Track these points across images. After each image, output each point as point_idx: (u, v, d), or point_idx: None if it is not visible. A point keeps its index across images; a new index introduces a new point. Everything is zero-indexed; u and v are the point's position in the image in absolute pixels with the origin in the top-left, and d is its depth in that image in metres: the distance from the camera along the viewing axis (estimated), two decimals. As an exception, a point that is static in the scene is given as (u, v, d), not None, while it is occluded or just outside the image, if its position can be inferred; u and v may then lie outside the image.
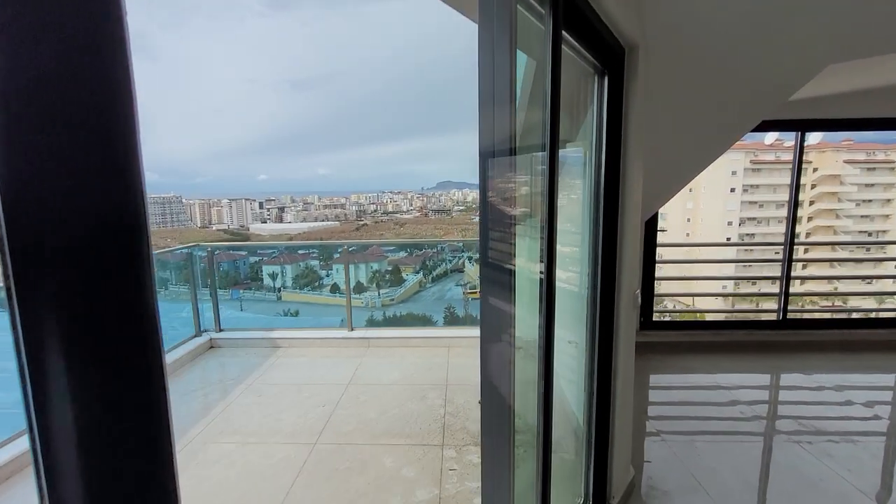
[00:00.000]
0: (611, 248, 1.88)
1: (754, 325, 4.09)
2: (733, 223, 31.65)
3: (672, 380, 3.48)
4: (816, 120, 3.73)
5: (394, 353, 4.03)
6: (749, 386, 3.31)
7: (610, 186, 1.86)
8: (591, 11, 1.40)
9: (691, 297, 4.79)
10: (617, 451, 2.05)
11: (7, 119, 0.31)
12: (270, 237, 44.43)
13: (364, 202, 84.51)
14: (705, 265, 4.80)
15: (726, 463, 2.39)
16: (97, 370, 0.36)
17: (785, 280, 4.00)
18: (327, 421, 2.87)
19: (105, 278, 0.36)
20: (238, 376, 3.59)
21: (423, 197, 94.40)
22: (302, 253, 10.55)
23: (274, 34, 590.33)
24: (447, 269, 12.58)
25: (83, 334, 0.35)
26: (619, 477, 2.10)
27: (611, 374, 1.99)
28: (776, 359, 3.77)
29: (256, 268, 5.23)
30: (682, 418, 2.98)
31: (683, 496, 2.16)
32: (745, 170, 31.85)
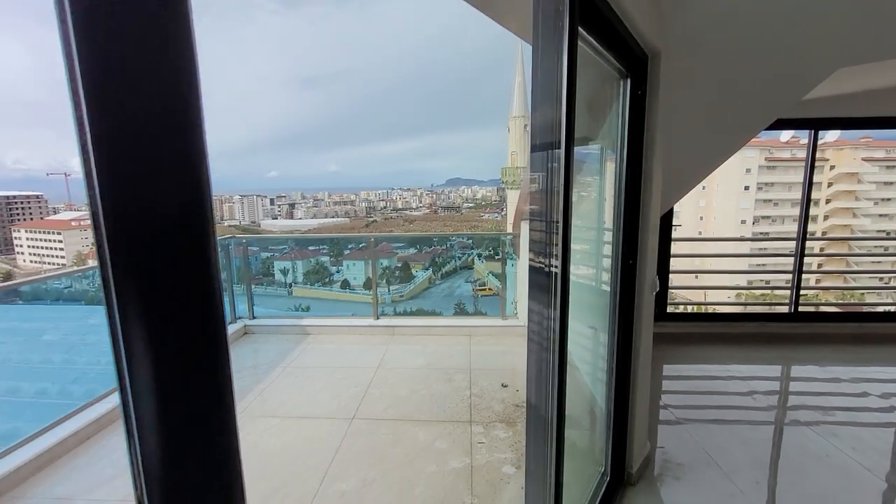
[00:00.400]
0: (633, 237, 2.06)
1: (766, 318, 4.21)
2: (747, 221, 31.30)
3: (686, 368, 3.63)
4: (830, 118, 3.84)
5: (417, 340, 4.23)
6: (761, 376, 3.44)
7: (632, 182, 2.04)
8: (619, 24, 1.58)
9: (703, 290, 4.90)
10: (636, 426, 2.23)
11: (107, 127, 0.36)
12: (281, 233, 44.81)
13: (373, 199, 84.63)
14: (717, 261, 4.91)
15: (737, 443, 2.55)
16: (176, 338, 0.41)
17: (797, 274, 4.12)
18: (361, 400, 3.08)
19: (184, 261, 0.41)
20: (273, 360, 3.82)
21: (433, 194, 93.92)
22: (312, 249, 10.68)
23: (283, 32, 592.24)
24: (456, 266, 12.65)
25: (165, 309, 0.40)
26: (637, 450, 2.27)
27: (631, 354, 2.16)
28: (787, 350, 3.90)
29: (268, 263, 5.42)
30: (695, 404, 3.13)
31: (696, 469, 2.33)
32: (760, 167, 31.47)
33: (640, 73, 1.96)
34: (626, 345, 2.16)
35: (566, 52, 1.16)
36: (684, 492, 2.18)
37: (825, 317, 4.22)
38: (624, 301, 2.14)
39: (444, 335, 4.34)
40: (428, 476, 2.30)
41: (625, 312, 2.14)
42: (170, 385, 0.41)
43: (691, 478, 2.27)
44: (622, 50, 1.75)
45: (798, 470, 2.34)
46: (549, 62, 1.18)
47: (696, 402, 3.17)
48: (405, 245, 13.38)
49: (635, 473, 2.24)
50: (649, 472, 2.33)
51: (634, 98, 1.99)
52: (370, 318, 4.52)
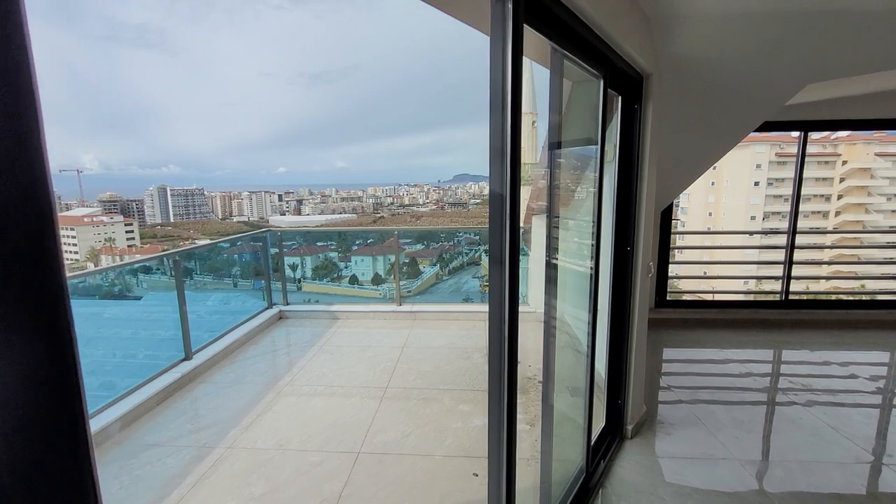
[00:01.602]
0: (629, 228, 2.45)
1: (759, 305, 4.57)
2: (756, 217, 31.23)
3: (683, 350, 4.01)
4: (818, 121, 4.17)
5: (437, 324, 4.66)
6: (753, 358, 3.81)
7: (627, 180, 2.43)
8: (618, 58, 1.96)
9: (705, 279, 5.26)
10: (631, 391, 2.63)
11: None
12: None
13: (381, 195, 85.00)
14: (717, 254, 5.26)
15: (724, 410, 2.93)
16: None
17: (787, 264, 4.47)
18: (392, 373, 3.51)
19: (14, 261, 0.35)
20: (309, 340, 4.27)
21: (440, 190, 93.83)
22: (321, 245, 11.05)
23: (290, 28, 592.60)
24: (463, 262, 12.92)
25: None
26: (633, 411, 2.67)
27: (627, 326, 2.56)
28: (778, 334, 4.26)
29: (277, 259, 5.76)
30: (690, 381, 3.51)
31: (685, 427, 2.72)
32: (770, 163, 31.34)
33: (636, 90, 2.34)
34: (623, 319, 2.56)
35: (510, 50, 1.16)
36: (673, 443, 2.58)
37: (814, 304, 4.57)
38: (620, 282, 2.53)
39: (461, 320, 4.75)
40: (455, 430, 2.73)
41: (621, 292, 2.54)
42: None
43: (680, 434, 2.67)
44: (619, 74, 2.14)
45: (774, 430, 2.72)
46: (496, 62, 1.18)
47: (690, 377, 3.56)
48: (412, 241, 13.75)
49: (631, 430, 2.64)
50: (644, 429, 2.73)
51: (630, 111, 2.38)
52: (393, 305, 4.94)
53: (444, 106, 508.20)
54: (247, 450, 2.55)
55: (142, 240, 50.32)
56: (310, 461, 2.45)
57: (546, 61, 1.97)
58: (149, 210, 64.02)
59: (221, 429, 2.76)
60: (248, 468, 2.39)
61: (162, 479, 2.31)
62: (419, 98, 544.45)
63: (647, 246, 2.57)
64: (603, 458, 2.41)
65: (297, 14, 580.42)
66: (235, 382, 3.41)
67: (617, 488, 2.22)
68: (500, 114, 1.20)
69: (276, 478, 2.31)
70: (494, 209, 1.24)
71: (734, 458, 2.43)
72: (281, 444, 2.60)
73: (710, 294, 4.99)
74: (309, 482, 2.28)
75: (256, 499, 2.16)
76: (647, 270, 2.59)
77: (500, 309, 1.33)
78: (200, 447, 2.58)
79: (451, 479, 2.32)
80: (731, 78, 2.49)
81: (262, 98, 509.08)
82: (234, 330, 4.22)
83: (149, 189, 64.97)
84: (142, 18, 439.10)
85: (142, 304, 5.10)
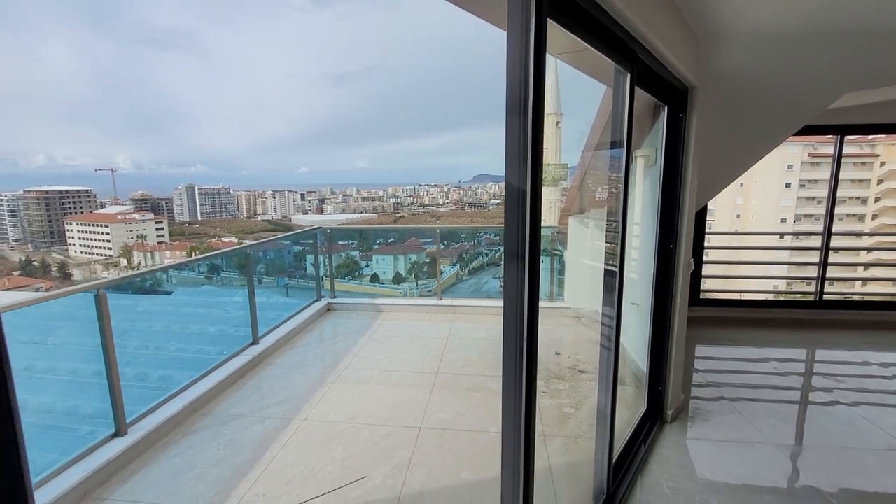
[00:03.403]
0: (672, 227, 2.66)
1: (792, 305, 4.67)
2: (787, 220, 30.38)
3: (717, 347, 4.17)
4: (854, 125, 4.26)
5: (477, 318, 4.92)
6: (789, 357, 3.95)
7: (671, 183, 2.64)
8: (667, 73, 2.19)
9: (736, 279, 5.37)
10: (671, 379, 2.83)
11: None
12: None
13: (401, 194, 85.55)
14: (749, 254, 5.37)
15: (759, 401, 3.10)
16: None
17: (822, 265, 4.56)
18: (440, 360, 3.79)
19: None
20: (358, 330, 4.59)
21: (460, 190, 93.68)
22: (342, 244, 11.30)
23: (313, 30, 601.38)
24: (483, 263, 13.04)
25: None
26: (672, 399, 2.88)
27: (669, 318, 2.77)
28: (812, 333, 4.36)
29: (300, 257, 6.04)
30: (725, 373, 3.68)
31: (722, 414, 2.91)
32: (803, 164, 30.41)
33: (681, 101, 2.55)
34: (665, 311, 2.77)
35: (532, 46, 1.10)
36: (710, 428, 2.77)
37: (849, 305, 4.64)
38: (663, 277, 2.74)
39: (497, 314, 4.98)
40: (506, 411, 2.98)
41: (664, 286, 2.75)
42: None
43: (717, 420, 2.86)
44: (665, 87, 2.36)
45: (809, 419, 2.89)
46: (515, 58, 1.12)
47: (725, 372, 3.72)
48: (432, 240, 13.96)
49: (671, 415, 2.85)
50: (683, 415, 2.93)
51: (676, 120, 2.59)
52: (434, 299, 5.23)
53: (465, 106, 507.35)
54: (321, 422, 2.86)
55: (171, 237, 52.10)
56: (378, 433, 2.74)
57: (572, 59, 2.18)
58: (177, 208, 66.18)
59: (295, 404, 3.08)
60: (325, 437, 2.70)
61: (253, 443, 2.63)
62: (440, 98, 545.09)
63: (689, 244, 2.77)
64: (645, 439, 2.62)
65: (320, 16, 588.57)
66: (299, 365, 3.74)
67: (660, 464, 2.44)
68: (519, 114, 1.13)
69: (351, 446, 2.61)
70: (511, 209, 1.18)
71: (769, 443, 2.61)
72: (350, 418, 2.90)
73: (741, 294, 5.10)
74: (381, 450, 2.57)
75: (338, 462, 2.46)
76: (689, 266, 2.80)
77: (516, 306, 1.26)
78: (280, 418, 2.90)
79: (507, 452, 2.58)
80: (771, 88, 2.67)
81: (286, 99, 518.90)
82: (290, 319, 4.57)
83: (178, 188, 67.19)
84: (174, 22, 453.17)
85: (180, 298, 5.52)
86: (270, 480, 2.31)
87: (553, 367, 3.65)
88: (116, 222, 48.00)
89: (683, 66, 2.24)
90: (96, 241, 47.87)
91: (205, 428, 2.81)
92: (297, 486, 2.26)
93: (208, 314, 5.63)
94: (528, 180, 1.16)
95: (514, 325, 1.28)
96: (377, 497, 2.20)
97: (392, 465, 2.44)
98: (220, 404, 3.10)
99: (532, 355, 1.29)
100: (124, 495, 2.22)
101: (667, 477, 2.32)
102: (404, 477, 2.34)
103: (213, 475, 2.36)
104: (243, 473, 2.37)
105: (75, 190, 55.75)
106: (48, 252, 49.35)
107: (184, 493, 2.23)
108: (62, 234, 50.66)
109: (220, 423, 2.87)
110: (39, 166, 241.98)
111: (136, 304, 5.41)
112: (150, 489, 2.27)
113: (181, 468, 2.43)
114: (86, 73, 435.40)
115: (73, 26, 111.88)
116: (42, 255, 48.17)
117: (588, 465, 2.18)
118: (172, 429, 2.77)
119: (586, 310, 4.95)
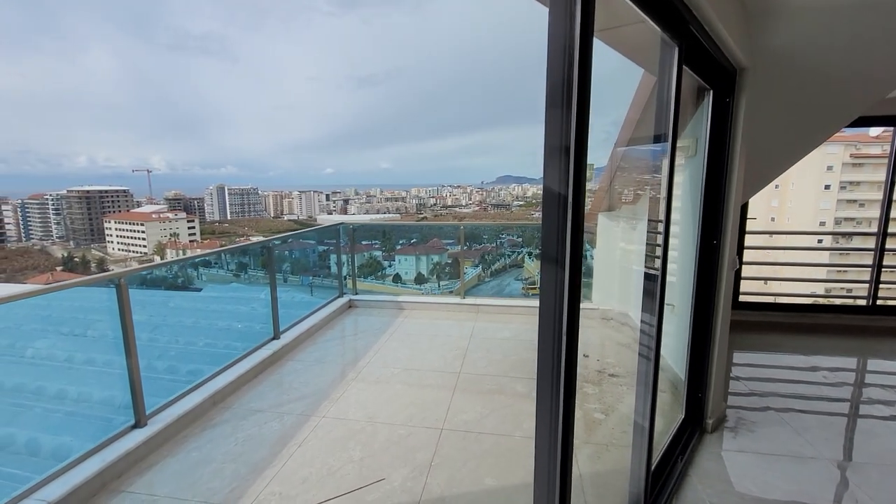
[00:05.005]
0: (716, 221, 2.46)
1: (842, 310, 4.34)
2: (827, 223, 28.88)
3: (760, 354, 3.89)
4: (916, 116, 3.91)
5: (500, 318, 4.77)
6: (837, 366, 3.65)
7: (715, 173, 2.44)
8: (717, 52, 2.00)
9: (775, 281, 5.04)
10: (712, 386, 2.62)
11: None
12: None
13: (424, 195, 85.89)
14: (791, 255, 5.03)
15: (809, 412, 2.85)
16: None
17: (876, 268, 4.22)
18: (463, 360, 3.66)
19: None
20: (380, 328, 4.51)
21: (483, 191, 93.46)
22: (366, 244, 11.32)
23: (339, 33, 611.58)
24: (506, 265, 12.85)
25: None
26: (713, 407, 2.67)
27: (711, 320, 2.57)
28: (864, 341, 4.03)
29: (325, 256, 6.05)
30: (768, 381, 3.42)
31: (768, 426, 2.68)
32: (844, 165, 28.86)
33: (729, 84, 2.35)
34: (707, 312, 2.57)
35: (579, 23, 0.96)
36: (756, 440, 2.55)
37: (905, 311, 4.27)
38: (706, 276, 2.55)
39: (522, 314, 4.84)
40: (530, 414, 2.82)
41: (707, 285, 2.55)
42: None
43: (763, 431, 2.64)
44: (713, 67, 2.17)
45: (868, 434, 2.63)
46: (560, 33, 0.98)
47: (770, 380, 3.46)
48: (454, 241, 13.93)
49: (711, 424, 2.64)
50: (724, 425, 2.71)
51: (722, 105, 2.39)
52: (458, 297, 5.11)
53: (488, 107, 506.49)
54: (339, 420, 2.78)
55: (202, 235, 53.77)
56: (398, 433, 2.64)
57: (609, 38, 2.00)
58: (208, 208, 68.32)
59: (314, 400, 3.02)
60: (344, 435, 2.61)
61: (271, 440, 2.57)
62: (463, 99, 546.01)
63: (734, 240, 2.56)
64: (684, 449, 2.43)
65: (346, 19, 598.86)
66: (319, 361, 3.69)
67: (701, 476, 2.25)
68: (562, 105, 0.99)
69: (370, 445, 2.52)
70: (550, 208, 1.07)
71: (822, 458, 2.38)
72: (370, 417, 2.81)
73: (784, 297, 4.78)
74: (400, 451, 2.47)
75: (356, 461, 2.37)
76: (733, 264, 2.59)
77: (554, 311, 1.15)
78: (298, 415, 2.84)
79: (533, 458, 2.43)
80: (830, 71, 2.44)
81: (311, 101, 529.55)
82: (312, 315, 4.53)
83: (209, 188, 69.38)
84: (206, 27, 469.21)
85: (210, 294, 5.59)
86: (287, 479, 2.24)
87: (581, 371, 3.46)
88: (151, 221, 49.87)
89: (735, 42, 2.05)
90: (133, 238, 49.83)
91: (224, 422, 2.77)
92: (314, 486, 2.18)
93: (235, 311, 5.70)
94: (571, 181, 1.03)
95: (550, 334, 1.19)
96: (396, 501, 2.10)
97: (412, 466, 2.33)
98: (239, 398, 3.07)
99: (571, 365, 1.21)
100: (142, 487, 2.19)
101: (709, 491, 2.13)
102: (425, 480, 2.23)
103: (230, 471, 2.31)
104: (260, 470, 2.31)
105: (114, 190, 58.21)
106: (88, 249, 51.70)
107: (199, 488, 2.18)
108: (101, 232, 52.96)
109: (240, 417, 2.83)
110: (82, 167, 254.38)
111: (168, 300, 5.51)
112: (168, 482, 2.23)
113: (199, 462, 2.39)
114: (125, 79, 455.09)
115: (114, 35, 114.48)
116: (83, 252, 50.51)
117: (621, 474, 2.02)
118: (192, 421, 2.74)
119: (615, 311, 4.73)
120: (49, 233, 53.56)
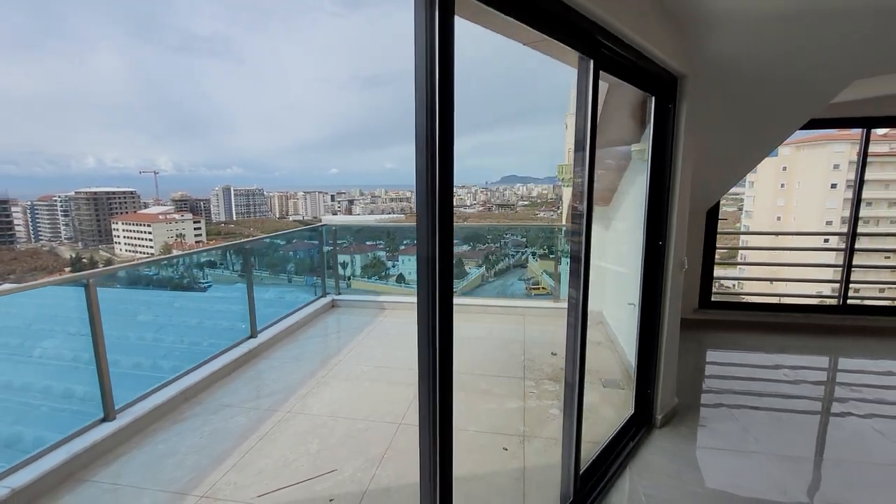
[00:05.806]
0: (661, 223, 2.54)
1: (812, 309, 4.39)
2: (833, 222, 28.60)
3: (726, 353, 3.96)
4: (883, 118, 3.96)
5: (479, 317, 4.86)
6: (803, 364, 3.71)
7: (659, 176, 2.52)
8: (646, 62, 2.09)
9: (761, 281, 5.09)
10: (662, 382, 2.70)
11: None
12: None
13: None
14: (764, 257, 5.07)
15: (761, 408, 2.92)
16: None
17: (846, 268, 4.26)
18: (433, 358, 3.76)
19: None
20: (358, 326, 4.62)
21: (487, 191, 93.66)
22: (370, 244, 11.44)
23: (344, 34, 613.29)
24: (510, 265, 12.91)
25: None
26: (663, 402, 2.75)
27: (659, 320, 2.65)
28: (833, 340, 4.08)
29: (328, 257, 6.18)
30: (730, 378, 3.48)
31: (717, 421, 2.76)
32: (851, 163, 28.56)
33: (670, 91, 2.43)
34: (654, 310, 2.65)
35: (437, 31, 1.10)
36: (703, 435, 2.63)
37: (876, 310, 4.31)
38: (652, 276, 2.63)
39: (501, 314, 4.93)
40: (489, 410, 2.93)
41: (653, 286, 2.63)
42: None
43: (712, 427, 2.72)
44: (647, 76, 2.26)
45: (815, 430, 2.70)
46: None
47: (729, 378, 3.52)
48: (459, 242, 14.11)
49: (661, 419, 2.72)
50: (675, 420, 2.79)
51: (664, 110, 2.47)
52: (436, 297, 5.21)
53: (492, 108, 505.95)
54: (303, 415, 2.90)
55: (207, 236, 54.27)
56: (357, 427, 2.75)
57: (544, 48, 2.08)
58: (214, 209, 68.82)
59: (282, 397, 3.13)
60: (304, 430, 2.72)
61: (235, 434, 2.69)
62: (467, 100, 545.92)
63: (681, 241, 2.64)
64: (629, 443, 2.51)
65: (352, 20, 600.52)
66: (294, 359, 3.81)
67: (640, 470, 2.33)
68: (425, 113, 1.15)
69: (328, 439, 2.63)
70: (422, 212, 1.18)
71: (764, 453, 2.45)
72: (333, 412, 2.92)
73: (757, 297, 4.83)
74: (356, 444, 2.58)
75: (312, 454, 2.48)
76: (681, 265, 2.67)
77: (428, 309, 1.23)
78: (265, 410, 2.95)
79: (483, 451, 2.53)
80: (772, 77, 2.51)
81: (316, 101, 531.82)
82: (293, 314, 4.66)
83: (214, 189, 69.86)
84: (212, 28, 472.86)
85: (214, 295, 5.73)
86: (243, 469, 2.36)
87: (547, 369, 3.56)
88: (158, 222, 50.30)
89: (664, 53, 2.13)
90: (139, 239, 50.28)
91: (194, 416, 2.90)
92: (268, 476, 2.29)
93: (240, 310, 5.83)
94: (438, 185, 1.16)
95: (426, 331, 1.28)
96: (344, 490, 2.20)
97: (364, 459, 2.44)
98: (212, 394, 3.19)
99: (447, 363, 1.37)
100: (107, 477, 2.31)
101: (645, 483, 2.22)
102: (374, 471, 2.34)
103: (191, 462, 2.43)
104: (220, 462, 2.42)
105: (121, 191, 58.70)
106: (96, 250, 52.32)
107: (161, 478, 2.30)
108: (109, 233, 53.53)
109: (210, 412, 2.95)
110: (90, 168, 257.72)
111: (173, 301, 5.64)
112: (132, 473, 2.36)
113: (164, 454, 2.51)
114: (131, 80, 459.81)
115: (120, 36, 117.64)
116: (91, 253, 51.15)
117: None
118: (163, 415, 2.87)
119: (592, 310, 4.80)
120: (58, 234, 54.23)
